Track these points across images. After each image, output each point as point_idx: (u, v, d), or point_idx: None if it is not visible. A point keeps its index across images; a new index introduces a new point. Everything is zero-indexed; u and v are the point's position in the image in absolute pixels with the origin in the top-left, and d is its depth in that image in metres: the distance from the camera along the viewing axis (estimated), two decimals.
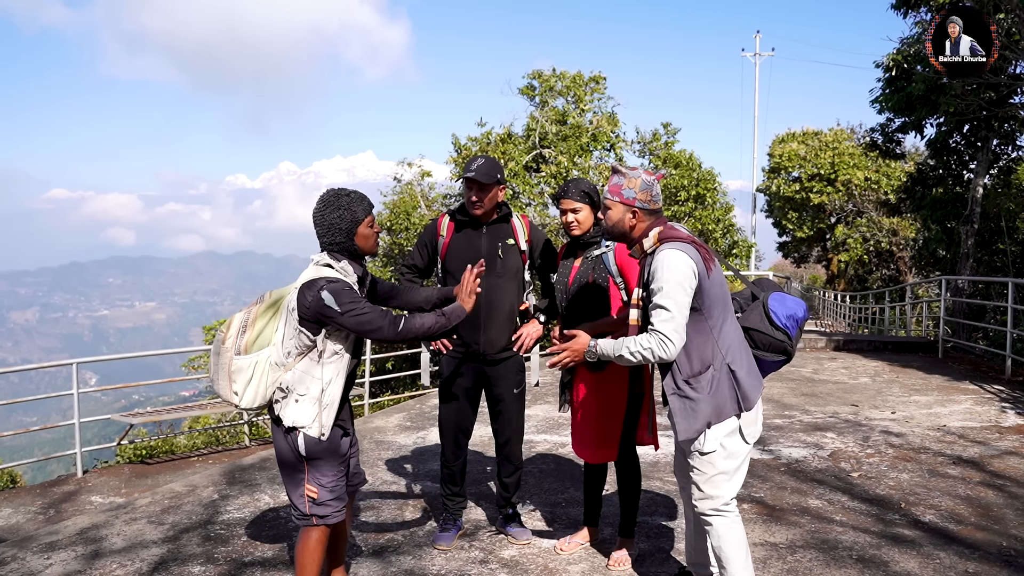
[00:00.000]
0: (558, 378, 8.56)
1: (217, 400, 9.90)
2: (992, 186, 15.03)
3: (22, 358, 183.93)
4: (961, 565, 3.45)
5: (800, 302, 2.92)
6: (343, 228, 2.76)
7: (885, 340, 11.90)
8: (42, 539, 4.11)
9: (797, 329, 2.90)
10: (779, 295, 2.93)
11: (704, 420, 2.73)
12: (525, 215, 3.94)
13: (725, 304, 2.79)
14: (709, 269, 2.72)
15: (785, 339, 2.85)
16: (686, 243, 2.71)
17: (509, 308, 3.66)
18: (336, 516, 2.89)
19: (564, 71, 18.06)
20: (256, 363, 2.80)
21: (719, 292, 2.76)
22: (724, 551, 2.78)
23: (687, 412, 2.74)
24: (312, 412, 2.78)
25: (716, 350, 2.74)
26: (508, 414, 3.75)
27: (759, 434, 2.85)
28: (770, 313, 2.86)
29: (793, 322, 2.87)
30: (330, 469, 2.85)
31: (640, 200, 2.78)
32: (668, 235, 2.74)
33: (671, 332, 2.63)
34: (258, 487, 4.92)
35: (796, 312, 2.88)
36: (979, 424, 6.13)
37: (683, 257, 2.66)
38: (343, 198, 2.78)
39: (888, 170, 24.82)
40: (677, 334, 2.64)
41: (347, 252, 2.82)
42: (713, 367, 2.73)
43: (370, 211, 2.82)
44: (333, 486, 2.86)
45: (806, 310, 2.93)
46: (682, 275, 2.64)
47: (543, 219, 16.05)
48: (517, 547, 3.76)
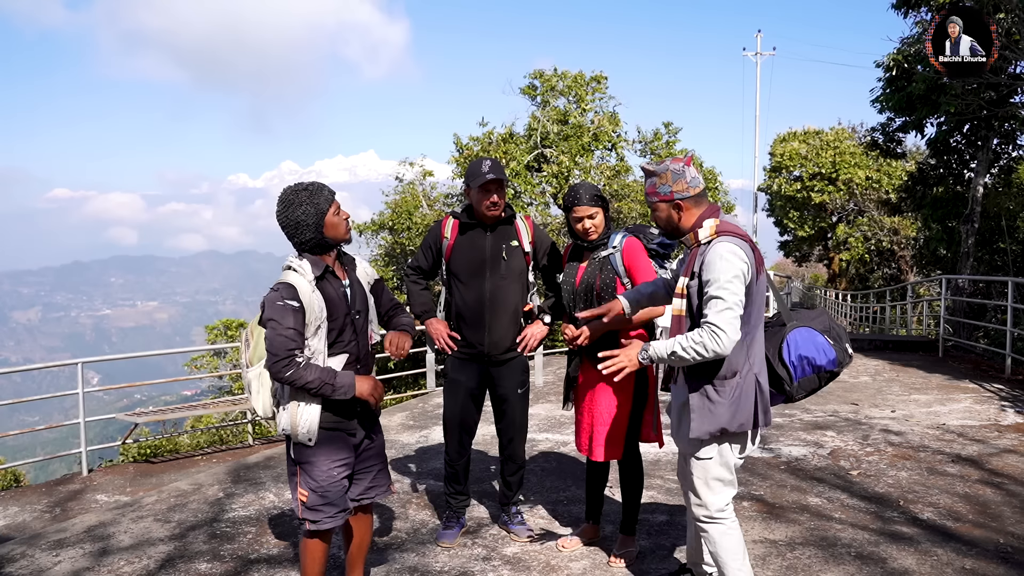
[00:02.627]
0: (560, 378, 8.56)
1: (220, 400, 9.95)
2: (992, 185, 15.06)
3: (24, 357, 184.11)
4: (958, 562, 3.49)
5: (829, 349, 2.74)
6: (311, 223, 2.70)
7: (886, 339, 11.93)
8: (50, 537, 4.16)
9: (812, 374, 2.75)
10: (809, 332, 2.76)
11: (720, 425, 2.67)
12: (529, 216, 3.96)
13: (760, 314, 2.71)
14: (759, 271, 2.66)
15: (786, 377, 2.75)
16: (744, 240, 2.64)
17: (513, 309, 3.70)
18: (329, 522, 2.83)
19: (566, 71, 18.11)
20: (260, 374, 2.78)
21: (758, 299, 2.68)
22: (721, 556, 2.80)
23: (705, 412, 2.68)
24: (294, 416, 2.73)
25: (746, 358, 2.67)
26: (512, 414, 3.79)
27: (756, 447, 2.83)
28: (783, 346, 2.75)
29: (807, 365, 2.74)
30: (320, 474, 2.78)
31: (677, 192, 2.70)
32: (726, 228, 2.66)
33: (724, 323, 2.52)
34: (263, 485, 4.97)
35: (816, 356, 2.73)
36: (978, 423, 6.16)
37: (738, 250, 2.59)
38: (302, 193, 2.71)
39: (889, 169, 24.82)
40: (731, 325, 2.53)
41: (319, 246, 2.75)
42: (740, 375, 2.67)
43: (332, 198, 2.75)
44: (324, 491, 2.79)
45: (833, 359, 2.73)
46: (737, 268, 2.57)
47: (545, 219, 16.08)
48: (519, 544, 3.80)
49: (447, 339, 3.66)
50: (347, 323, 2.83)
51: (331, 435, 2.81)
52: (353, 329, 2.86)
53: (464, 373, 3.76)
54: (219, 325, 17.04)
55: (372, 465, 3.01)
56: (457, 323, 3.73)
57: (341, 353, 2.82)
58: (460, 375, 3.77)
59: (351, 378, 2.74)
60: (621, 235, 3.45)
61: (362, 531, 3.09)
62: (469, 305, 3.67)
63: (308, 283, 2.69)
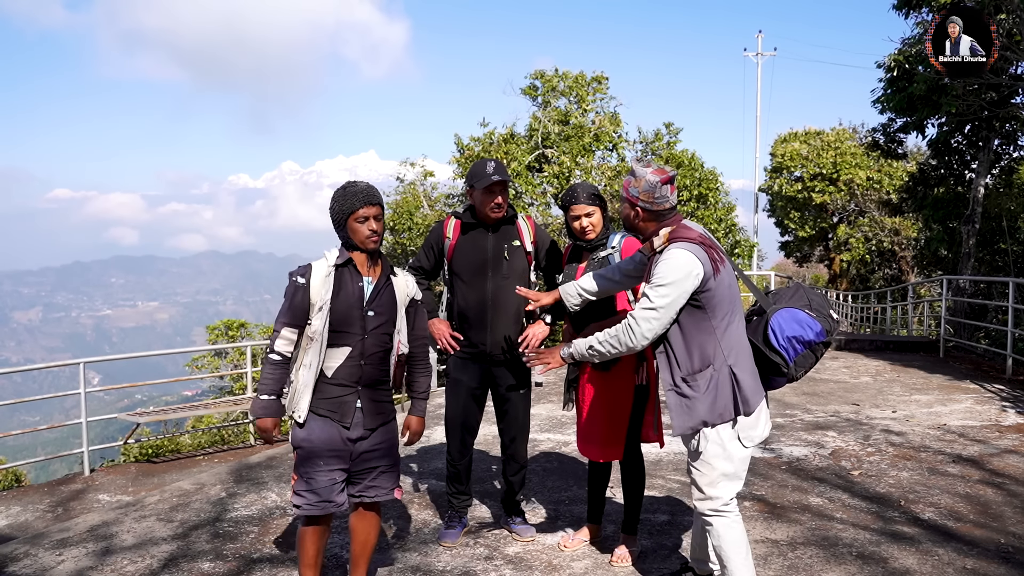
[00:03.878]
0: (562, 378, 8.59)
1: (220, 400, 9.96)
2: (993, 186, 15.06)
3: (25, 358, 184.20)
4: (959, 561, 3.50)
5: (814, 323, 2.75)
6: (336, 219, 2.90)
7: (887, 339, 11.94)
8: (53, 536, 4.17)
9: (805, 350, 2.76)
10: (790, 312, 2.78)
11: (699, 419, 2.73)
12: (530, 216, 3.97)
13: (733, 304, 2.76)
14: (717, 270, 2.71)
15: (781, 362, 2.77)
16: (695, 243, 2.71)
17: (516, 309, 3.71)
18: (309, 508, 2.89)
19: (567, 71, 18.12)
20: None
21: (727, 292, 2.74)
22: (724, 550, 2.81)
23: (683, 409, 2.76)
24: (293, 392, 2.88)
25: (718, 349, 2.73)
26: (514, 413, 3.80)
27: (763, 437, 2.84)
28: (769, 332, 2.78)
29: (797, 344, 2.75)
30: (308, 460, 2.87)
31: (642, 200, 2.79)
32: (678, 235, 2.75)
33: (641, 318, 2.67)
34: (265, 485, 4.98)
35: (803, 333, 2.74)
36: (979, 423, 6.17)
37: (688, 256, 2.66)
38: (339, 191, 2.91)
39: (890, 170, 24.83)
40: (647, 322, 2.67)
41: (346, 244, 2.93)
42: (713, 366, 2.72)
43: (362, 205, 2.84)
44: (309, 478, 2.87)
45: (820, 331, 2.74)
46: (682, 274, 2.65)
47: (546, 219, 16.09)
48: (521, 544, 3.81)
49: (449, 339, 3.67)
50: (355, 317, 2.88)
51: (323, 423, 2.88)
52: (363, 326, 2.90)
53: (466, 373, 3.77)
54: (220, 325, 17.05)
55: (374, 465, 3.00)
56: (459, 323, 3.73)
57: (344, 346, 2.88)
58: (462, 375, 3.78)
59: (267, 410, 2.89)
60: (620, 235, 3.46)
61: (365, 530, 3.08)
62: (471, 305, 3.67)
63: (327, 267, 2.88)
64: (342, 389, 2.89)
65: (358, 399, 2.92)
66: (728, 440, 2.76)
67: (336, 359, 2.88)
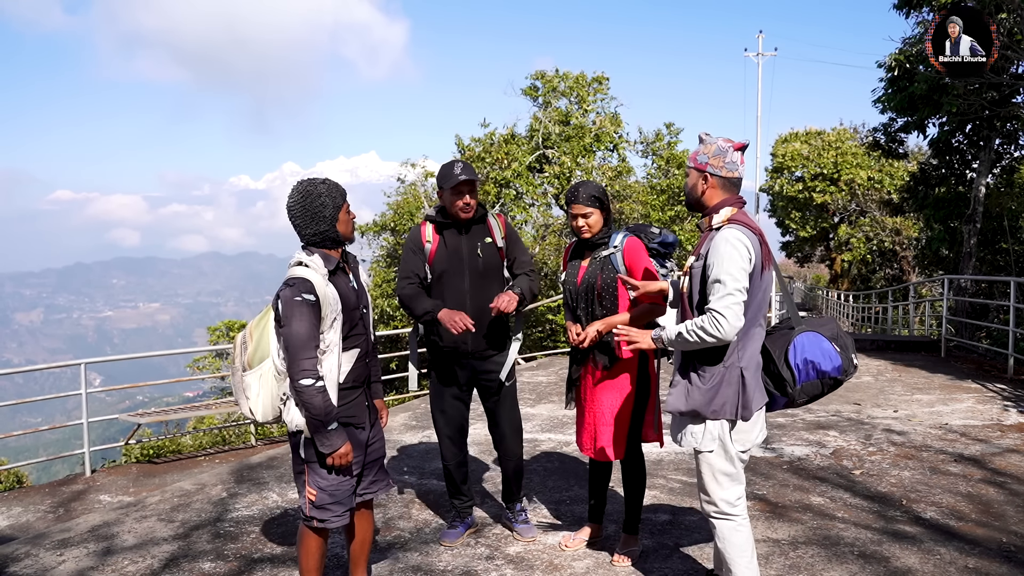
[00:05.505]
0: (562, 378, 8.55)
1: (222, 400, 9.96)
2: (994, 185, 15.05)
3: (27, 359, 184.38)
4: (961, 561, 3.49)
5: (836, 356, 2.73)
6: (327, 215, 2.75)
7: (888, 339, 11.93)
8: (54, 536, 4.17)
9: (815, 379, 2.74)
10: (816, 336, 2.75)
11: (692, 407, 2.72)
12: (501, 214, 3.98)
13: (760, 310, 2.73)
14: (765, 266, 2.68)
15: (789, 379, 2.75)
16: (753, 233, 2.67)
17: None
18: (336, 520, 2.83)
19: (567, 71, 18.15)
20: (261, 376, 2.76)
21: (760, 297, 2.70)
22: (728, 553, 2.80)
23: (683, 390, 2.76)
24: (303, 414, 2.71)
25: (735, 350, 2.70)
26: (502, 408, 3.80)
27: (756, 443, 2.83)
28: (790, 348, 2.75)
29: (812, 369, 2.73)
30: (329, 472, 2.79)
31: (712, 165, 2.73)
32: (739, 218, 2.70)
33: (725, 308, 2.55)
34: (266, 485, 4.98)
35: (821, 361, 2.71)
36: (981, 422, 6.16)
37: (746, 241, 2.62)
38: (320, 186, 2.77)
39: (891, 169, 24.82)
40: (731, 311, 2.55)
41: (328, 240, 2.79)
42: (724, 364, 2.70)
43: (346, 197, 2.82)
44: (333, 490, 2.80)
45: (838, 367, 2.72)
46: (743, 257, 2.60)
47: (547, 219, 16.10)
48: (523, 544, 3.81)
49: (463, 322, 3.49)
50: (357, 318, 2.87)
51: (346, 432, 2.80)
52: (363, 324, 2.90)
53: (449, 373, 3.77)
54: (221, 326, 17.08)
55: (374, 461, 3.02)
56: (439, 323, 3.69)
57: (352, 348, 2.85)
58: (445, 375, 3.78)
59: (342, 440, 2.72)
60: (622, 235, 3.46)
61: (364, 528, 3.09)
62: (449, 305, 3.63)
63: (321, 277, 2.72)
64: (353, 392, 2.88)
65: (366, 398, 2.93)
66: (726, 439, 2.76)
67: (348, 363, 2.85)
